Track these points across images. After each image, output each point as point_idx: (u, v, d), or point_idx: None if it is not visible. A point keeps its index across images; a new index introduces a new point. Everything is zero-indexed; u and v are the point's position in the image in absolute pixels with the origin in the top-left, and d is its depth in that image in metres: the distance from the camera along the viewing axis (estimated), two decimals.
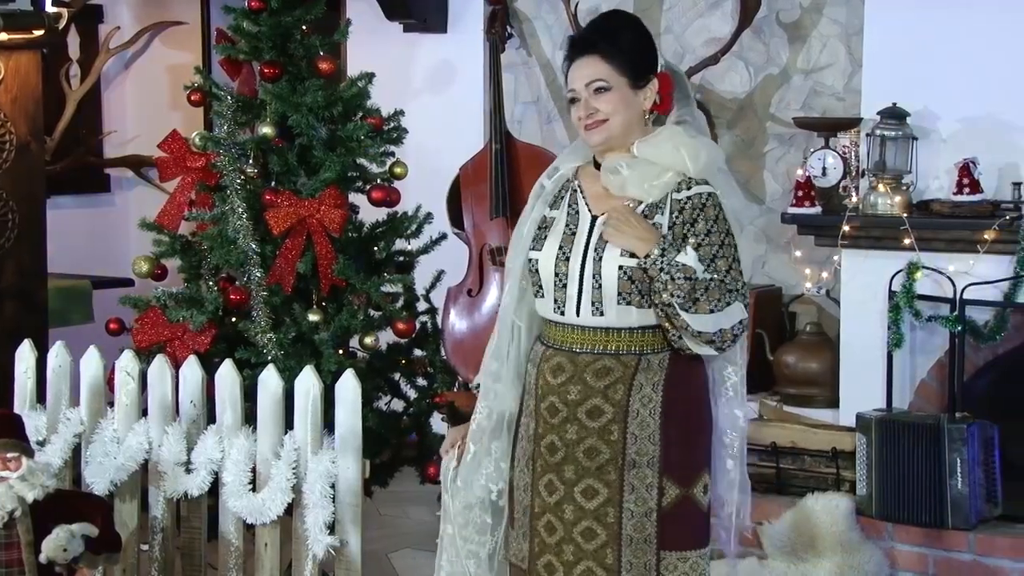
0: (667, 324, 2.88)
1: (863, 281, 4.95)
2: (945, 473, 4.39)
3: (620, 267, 2.88)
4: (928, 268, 4.74)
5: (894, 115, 4.86)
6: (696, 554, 2.96)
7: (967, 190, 4.72)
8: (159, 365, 4.10)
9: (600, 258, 2.91)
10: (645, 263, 2.86)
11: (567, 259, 2.95)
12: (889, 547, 4.53)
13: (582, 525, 2.94)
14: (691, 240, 2.87)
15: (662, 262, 2.84)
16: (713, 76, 5.79)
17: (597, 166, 3.03)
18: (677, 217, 2.90)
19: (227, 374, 3.99)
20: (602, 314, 2.92)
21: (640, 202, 2.94)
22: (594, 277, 2.91)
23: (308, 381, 3.83)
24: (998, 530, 4.42)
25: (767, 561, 4.56)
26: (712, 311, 2.83)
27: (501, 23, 6.10)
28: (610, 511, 2.92)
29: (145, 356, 4.30)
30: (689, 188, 2.91)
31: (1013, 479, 4.60)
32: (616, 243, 2.89)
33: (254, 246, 4.46)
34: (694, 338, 2.86)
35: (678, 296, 2.83)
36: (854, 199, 5.00)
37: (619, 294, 2.89)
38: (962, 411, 4.53)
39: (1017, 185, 4.68)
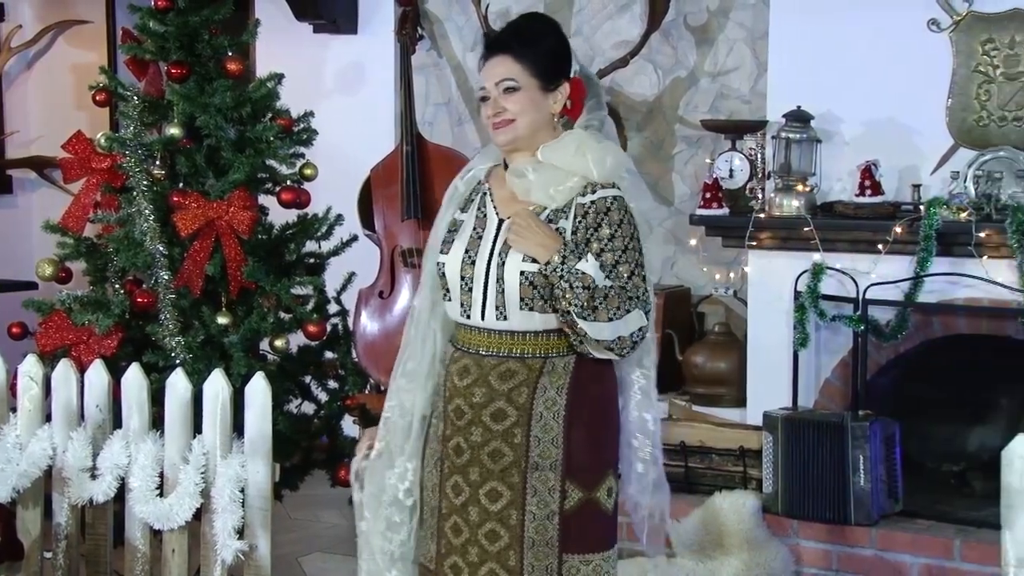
0: (568, 330, 2.89)
1: (769, 281, 5.02)
2: (848, 470, 4.47)
3: (521, 272, 2.88)
4: (832, 268, 4.82)
5: (799, 118, 4.94)
6: (599, 557, 2.96)
7: (869, 192, 4.81)
8: (63, 369, 4.04)
9: (503, 263, 2.91)
10: (546, 270, 2.85)
11: (473, 263, 2.95)
12: (794, 544, 4.59)
13: (486, 527, 2.94)
14: (594, 245, 2.87)
15: (562, 270, 2.84)
16: (623, 78, 5.84)
17: (506, 167, 3.04)
18: (580, 222, 2.90)
19: (134, 378, 3.94)
20: (506, 318, 2.92)
21: (545, 207, 2.94)
22: (498, 281, 2.91)
23: (217, 384, 3.80)
24: (899, 525, 4.50)
25: (676, 559, 4.61)
26: (611, 319, 2.83)
27: (412, 24, 6.09)
28: (513, 513, 2.92)
29: (49, 360, 4.23)
30: (594, 192, 2.91)
31: (913, 475, 4.71)
32: (518, 249, 2.89)
33: (161, 248, 4.41)
34: (593, 345, 2.87)
35: (576, 304, 2.82)
36: (760, 200, 5.07)
37: (521, 299, 2.89)
38: (865, 409, 4.62)
39: (917, 187, 4.78)
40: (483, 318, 2.94)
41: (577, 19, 5.99)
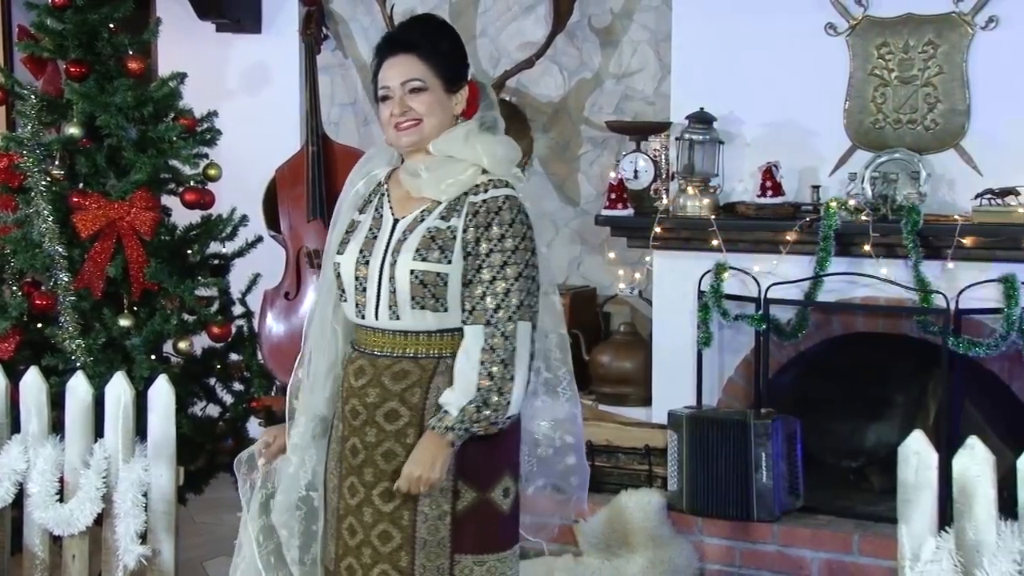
0: None
1: (674, 281, 5.07)
2: (751, 468, 4.53)
3: (412, 271, 2.88)
4: (735, 268, 4.89)
5: (702, 120, 5.00)
6: (494, 557, 2.94)
7: (770, 193, 4.89)
8: None
9: (395, 262, 2.90)
10: (458, 443, 2.85)
11: (367, 262, 2.94)
12: (699, 540, 4.64)
13: (379, 528, 2.94)
14: (484, 245, 2.86)
15: (459, 429, 2.83)
16: (528, 80, 5.86)
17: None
18: (471, 221, 2.89)
19: (33, 381, 3.87)
20: (398, 318, 2.91)
21: (438, 203, 2.94)
22: (390, 281, 2.90)
23: (119, 387, 3.75)
24: (799, 521, 4.57)
25: (582, 558, 4.64)
26: (509, 370, 2.83)
27: (316, 24, 6.06)
28: (405, 514, 2.91)
29: None
30: (486, 191, 2.91)
31: (814, 471, 4.79)
32: (441, 476, 2.86)
33: (61, 250, 4.34)
34: (518, 399, 2.88)
35: (496, 414, 2.84)
36: (665, 201, 5.12)
37: (412, 298, 2.88)
38: (767, 407, 4.69)
39: (816, 188, 4.87)
40: (377, 318, 2.93)
41: (482, 20, 6.00)
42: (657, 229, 5.01)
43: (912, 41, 4.75)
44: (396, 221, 2.96)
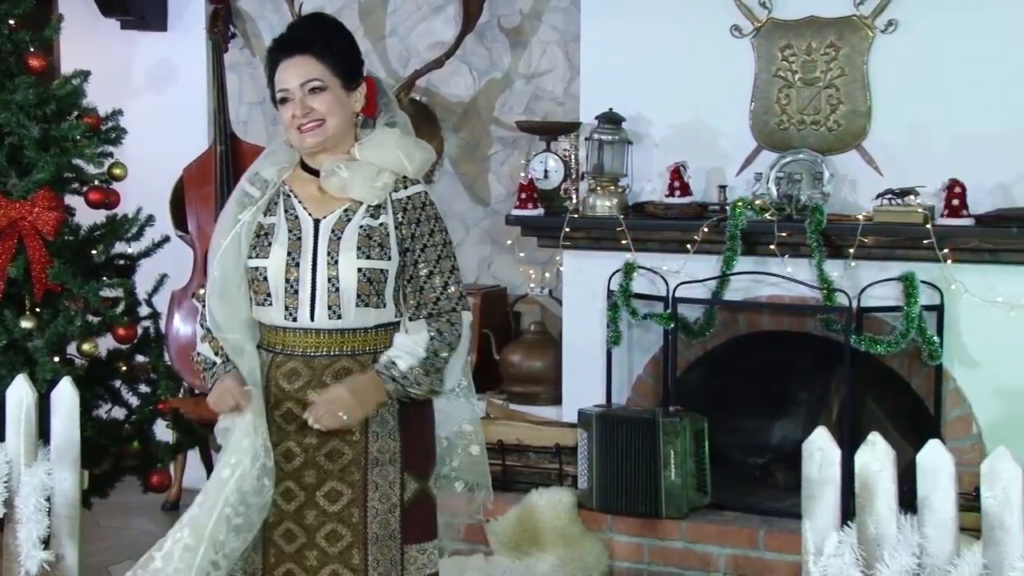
0: None
1: (583, 281, 5.10)
2: (660, 465, 4.57)
3: (359, 269, 2.90)
4: (643, 268, 4.93)
5: (610, 120, 5.04)
6: (431, 545, 3.03)
7: (678, 192, 4.94)
8: None
9: (336, 261, 2.91)
10: (391, 398, 2.90)
11: (297, 264, 2.93)
12: (608, 538, 4.68)
13: (326, 528, 2.94)
14: (418, 241, 2.93)
15: (401, 384, 2.89)
16: (438, 79, 5.86)
17: (305, 168, 3.03)
18: (402, 217, 2.95)
19: None
20: (340, 317, 2.92)
21: (358, 204, 2.96)
22: (330, 281, 2.90)
23: (21, 390, 3.67)
24: (707, 518, 4.63)
25: (493, 557, 4.65)
26: (453, 355, 2.94)
27: (223, 22, 6.00)
28: (355, 511, 2.93)
29: None
30: (407, 188, 2.97)
31: (721, 468, 4.84)
32: (363, 416, 2.88)
33: None
34: (463, 377, 3.03)
35: (434, 386, 2.93)
36: (574, 201, 5.15)
37: (358, 296, 2.91)
38: (675, 405, 4.74)
39: (723, 188, 4.93)
40: (312, 319, 2.93)
41: (392, 20, 5.98)
42: (567, 229, 5.04)
43: (815, 43, 4.83)
44: (316, 221, 2.96)
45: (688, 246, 4.84)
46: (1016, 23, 4.49)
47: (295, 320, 2.94)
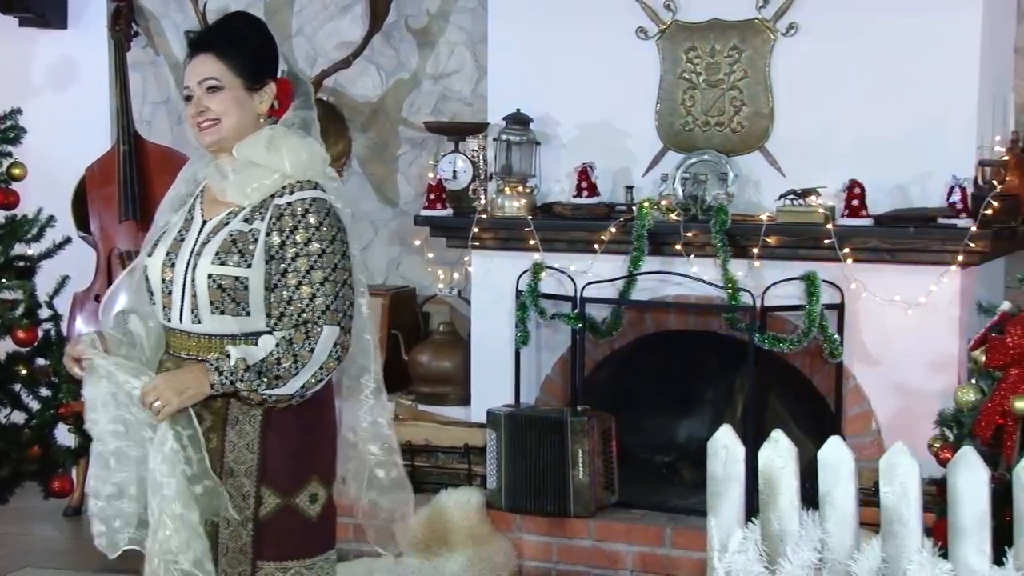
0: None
1: (492, 281, 5.11)
2: (568, 464, 4.59)
3: (210, 275, 2.83)
4: (551, 268, 4.95)
5: (518, 121, 5.05)
6: (299, 564, 2.90)
7: (585, 193, 4.96)
8: None
9: (195, 265, 2.86)
10: (216, 391, 2.80)
11: (172, 265, 2.89)
12: (517, 538, 4.69)
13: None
14: (290, 250, 2.82)
15: (227, 378, 2.79)
16: (346, 80, 5.82)
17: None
18: (275, 224, 2.85)
19: None
20: (200, 321, 2.86)
21: (241, 207, 2.89)
22: (191, 284, 2.86)
23: None
24: (614, 516, 4.66)
25: (402, 558, 4.63)
26: (299, 368, 2.80)
27: (126, 20, 5.90)
28: (207, 520, 2.86)
29: None
30: (292, 193, 2.87)
31: (628, 467, 4.88)
32: (178, 405, 2.79)
33: None
34: (300, 392, 2.83)
35: (262, 387, 2.79)
36: (483, 201, 5.15)
37: (211, 303, 2.84)
38: (583, 404, 4.76)
39: (629, 188, 4.97)
40: (181, 321, 2.89)
41: (298, 19, 5.94)
42: (475, 229, 5.04)
43: (718, 46, 4.88)
44: (204, 223, 2.92)
45: (596, 246, 4.87)
46: (912, 27, 4.57)
47: (170, 321, 2.91)
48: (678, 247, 4.74)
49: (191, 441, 2.83)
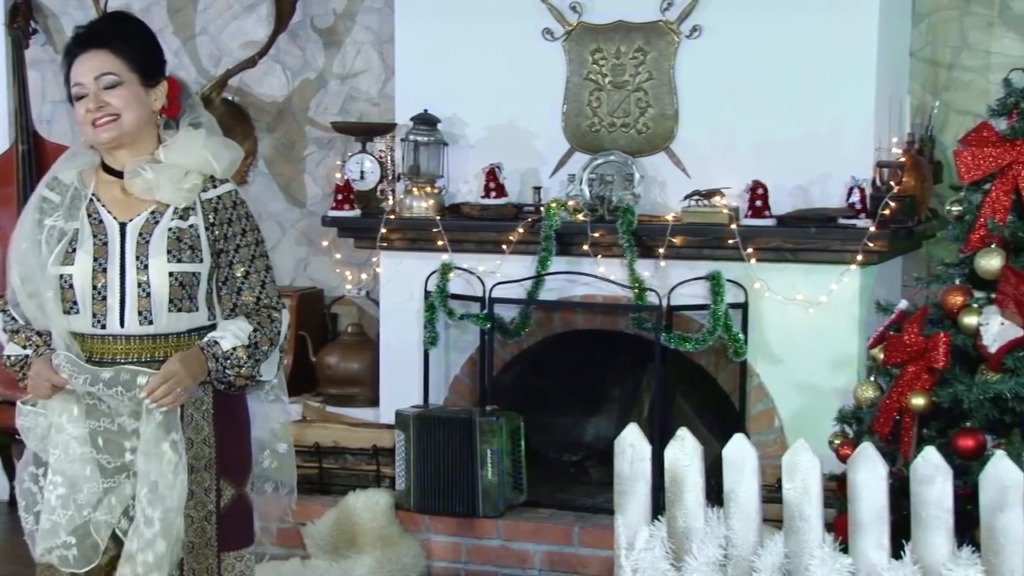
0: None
1: (400, 282, 5.09)
2: (477, 465, 4.60)
3: (171, 273, 2.85)
4: (460, 268, 4.95)
5: (426, 121, 5.04)
6: (248, 551, 3.01)
7: (493, 194, 4.97)
8: None
9: (146, 266, 2.85)
10: (213, 376, 2.87)
11: (104, 270, 2.86)
12: (426, 538, 4.69)
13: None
14: (231, 242, 2.90)
15: (222, 363, 2.86)
16: (251, 79, 5.77)
17: (106, 170, 2.96)
18: (213, 217, 2.91)
19: None
20: (151, 322, 2.86)
21: (168, 205, 2.90)
22: (140, 286, 2.84)
23: None
24: (523, 515, 4.68)
25: (310, 560, 4.61)
26: (272, 350, 2.95)
27: (24, 18, 5.78)
28: None
29: None
30: (216, 187, 2.94)
31: (537, 466, 4.90)
32: (179, 401, 2.85)
33: None
34: (277, 372, 2.99)
35: (254, 370, 2.92)
36: (391, 202, 5.14)
37: (171, 301, 2.86)
38: (492, 404, 4.77)
39: (537, 189, 4.99)
40: (123, 325, 2.86)
41: (202, 18, 5.87)
42: (383, 230, 5.02)
43: (623, 47, 4.92)
44: (122, 225, 2.89)
45: (504, 247, 4.88)
46: (811, 31, 4.64)
47: (104, 327, 2.87)
48: (585, 247, 4.77)
49: (177, 447, 2.87)
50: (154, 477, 2.82)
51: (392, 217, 5.04)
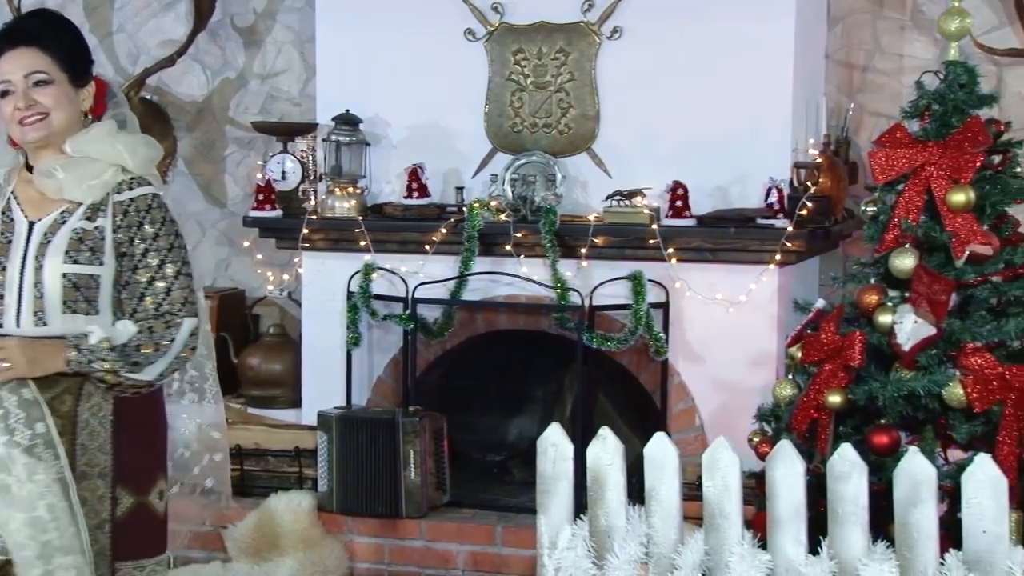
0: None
1: (323, 282, 5.07)
2: (400, 465, 4.59)
3: (64, 275, 2.79)
4: (383, 269, 4.93)
5: (347, 121, 5.02)
6: (153, 562, 2.93)
7: (416, 194, 4.97)
8: None
9: (41, 266, 2.80)
10: (70, 368, 2.78)
11: (3, 268, 2.82)
12: (349, 540, 4.67)
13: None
14: (139, 245, 2.83)
15: (86, 356, 2.77)
16: (170, 78, 5.72)
17: (29, 169, 2.92)
18: (121, 220, 2.85)
19: None
20: (45, 324, 2.81)
21: (76, 204, 2.85)
22: (36, 286, 2.80)
23: None
24: (446, 516, 4.68)
25: (231, 564, 4.57)
26: (158, 356, 2.82)
27: None
28: None
29: None
30: (131, 189, 2.87)
31: (460, 466, 4.90)
32: (25, 374, 2.77)
33: None
34: (157, 379, 2.86)
35: (120, 372, 2.80)
36: (313, 202, 5.11)
37: (64, 303, 2.80)
38: (415, 405, 4.76)
39: (460, 189, 4.99)
40: (19, 325, 2.81)
41: (119, 16, 5.80)
42: (306, 230, 5.00)
43: (545, 48, 4.93)
44: (32, 224, 2.85)
45: (427, 247, 4.87)
46: (730, 33, 4.69)
47: (1, 326, 2.82)
48: (508, 248, 4.78)
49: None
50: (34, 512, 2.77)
51: (314, 217, 5.01)
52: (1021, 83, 4.89)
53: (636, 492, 2.97)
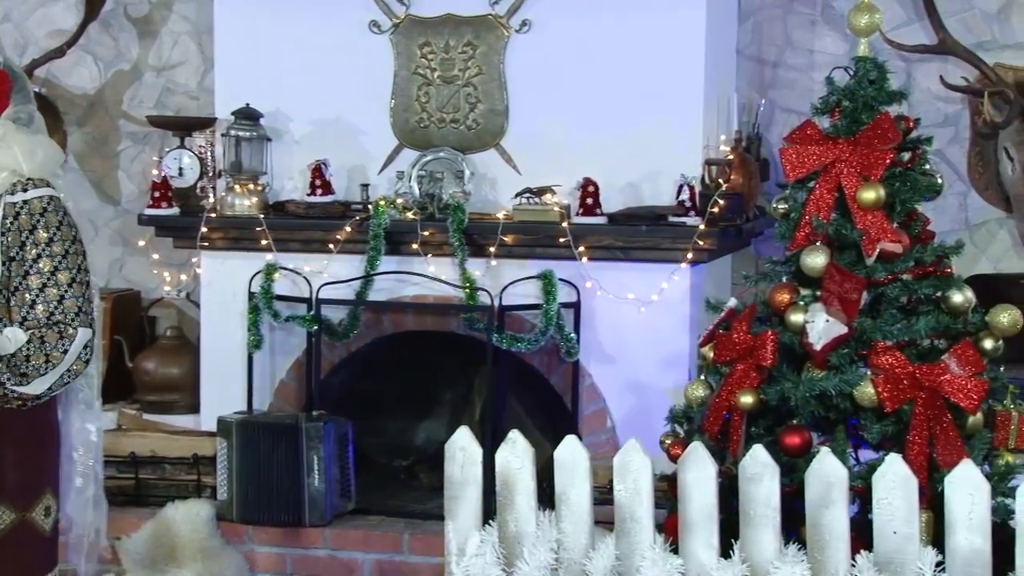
0: None
1: (223, 283, 4.96)
2: (303, 472, 4.50)
3: None
4: (285, 268, 4.83)
5: (248, 115, 4.91)
6: None
7: (320, 191, 4.87)
8: None
9: None
10: None
11: None
12: (249, 550, 4.58)
13: None
14: (31, 251, 2.73)
15: None
16: (60, 70, 5.57)
17: None
18: (12, 223, 2.75)
19: None
20: None
21: None
22: None
23: None
24: (351, 523, 4.60)
25: None
26: (48, 368, 2.73)
27: None
28: None
29: None
30: (26, 191, 2.77)
31: (366, 472, 4.82)
32: None
33: None
34: (46, 393, 2.77)
35: (9, 381, 2.71)
36: (212, 200, 4.99)
37: None
38: (319, 409, 4.68)
39: (365, 186, 4.89)
40: None
41: (5, 4, 5.65)
42: (204, 229, 4.89)
43: (452, 41, 4.86)
44: None
45: (331, 246, 4.79)
46: (640, 28, 4.66)
47: None
48: (415, 246, 4.71)
49: None
50: None
51: (213, 216, 4.91)
52: (930, 80, 4.91)
53: (547, 497, 2.93)
